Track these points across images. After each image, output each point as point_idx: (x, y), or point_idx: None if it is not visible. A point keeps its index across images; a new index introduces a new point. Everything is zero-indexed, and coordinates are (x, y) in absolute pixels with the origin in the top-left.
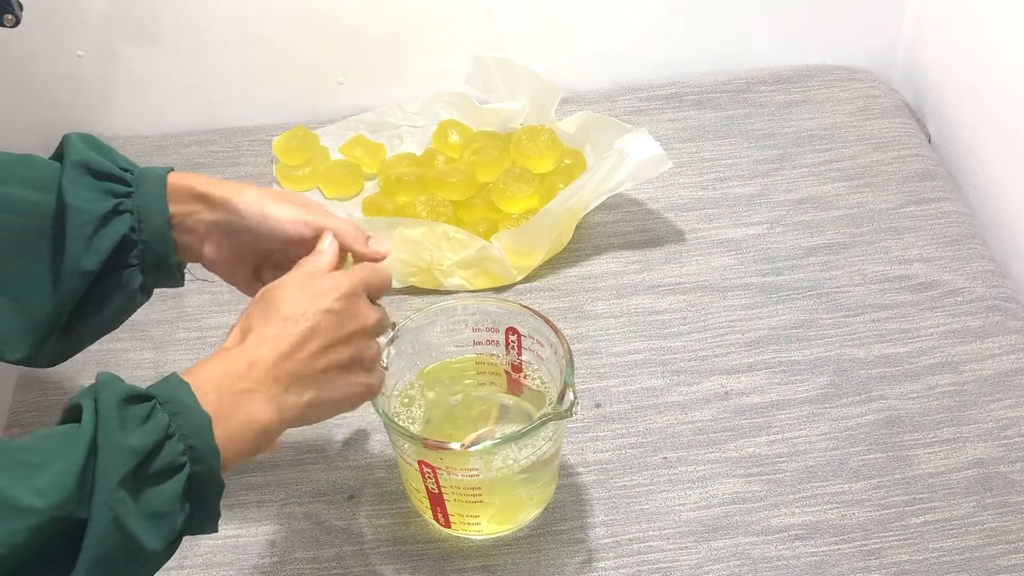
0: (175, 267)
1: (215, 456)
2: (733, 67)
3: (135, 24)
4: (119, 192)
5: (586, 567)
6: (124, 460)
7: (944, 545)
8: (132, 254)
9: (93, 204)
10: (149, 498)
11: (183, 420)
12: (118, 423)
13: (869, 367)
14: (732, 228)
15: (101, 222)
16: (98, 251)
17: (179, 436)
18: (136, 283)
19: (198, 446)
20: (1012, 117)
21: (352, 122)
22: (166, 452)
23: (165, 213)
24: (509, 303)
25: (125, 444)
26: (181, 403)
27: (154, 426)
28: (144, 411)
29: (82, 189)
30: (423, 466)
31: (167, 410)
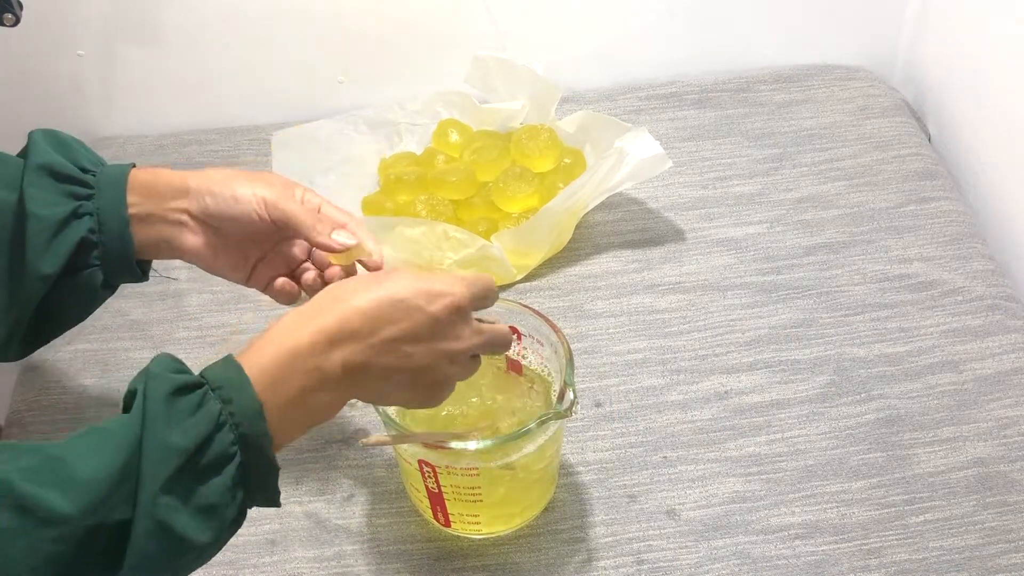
0: (136, 265)
1: (267, 441)
2: (733, 66)
3: (135, 24)
4: (80, 194)
5: (586, 567)
6: (170, 461)
7: (944, 544)
8: (93, 255)
9: (52, 208)
10: (199, 492)
11: (234, 407)
12: (165, 419)
13: (869, 366)
14: (732, 227)
15: (60, 226)
16: (57, 255)
17: (230, 425)
18: (98, 282)
19: (250, 433)
20: (1012, 116)
21: (351, 117)
22: (216, 444)
23: (123, 214)
24: (509, 302)
25: (171, 444)
26: (233, 387)
27: (204, 417)
28: (194, 401)
29: (42, 192)
30: (423, 465)
31: (219, 395)
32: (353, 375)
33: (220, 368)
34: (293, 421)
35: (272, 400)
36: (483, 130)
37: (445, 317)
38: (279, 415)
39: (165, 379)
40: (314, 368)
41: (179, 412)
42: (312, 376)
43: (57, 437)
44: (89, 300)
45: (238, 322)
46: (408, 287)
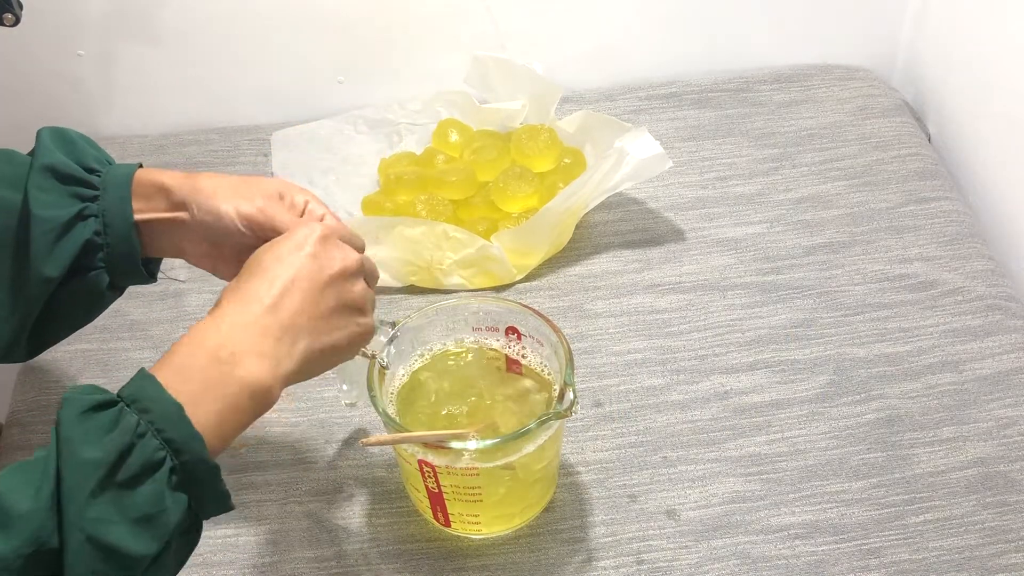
0: (142, 267)
1: (196, 441)
2: (733, 66)
3: (135, 24)
4: (85, 196)
5: (586, 567)
6: (88, 475)
7: (944, 544)
8: (98, 257)
9: (57, 211)
10: (129, 503)
11: (153, 416)
12: (81, 438)
13: (869, 366)
14: (732, 227)
15: (64, 228)
16: (61, 258)
17: (152, 433)
18: (104, 284)
19: (176, 437)
20: (1012, 116)
21: (351, 117)
22: (138, 452)
23: (129, 216)
24: (509, 302)
25: (86, 459)
26: (147, 398)
27: (122, 430)
28: (110, 417)
29: (47, 194)
30: (423, 465)
31: (136, 408)
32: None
33: (133, 382)
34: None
35: (193, 397)
36: (483, 130)
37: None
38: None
39: (77, 401)
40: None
41: (94, 430)
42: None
43: None
44: (95, 302)
45: None
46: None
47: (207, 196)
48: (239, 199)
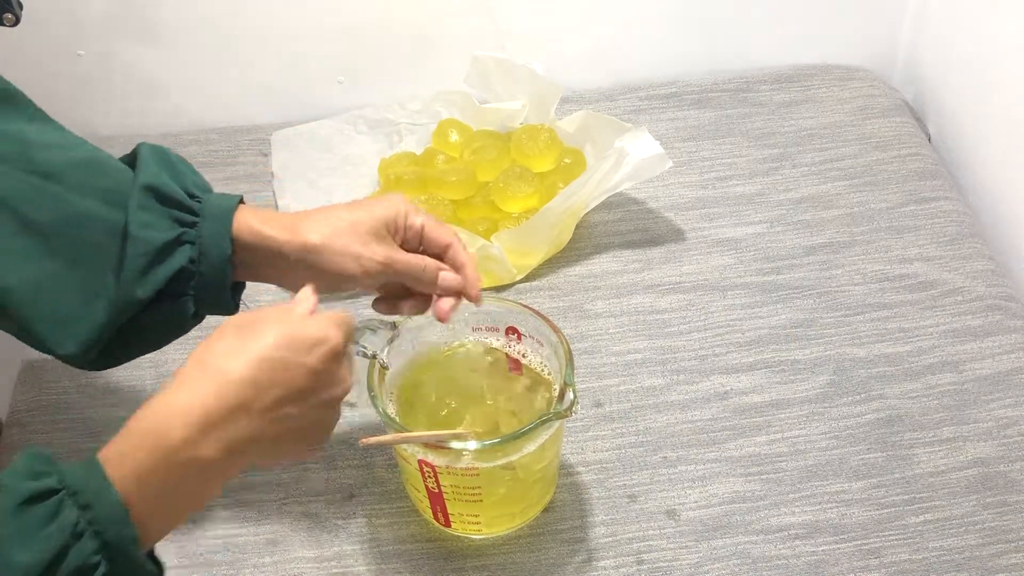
0: (231, 299)
1: (133, 545)
2: (733, 66)
3: (135, 24)
4: (184, 221)
5: (586, 567)
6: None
7: (944, 544)
8: (190, 284)
9: (156, 233)
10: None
11: (95, 513)
12: (15, 535)
13: (869, 366)
14: (732, 227)
15: (161, 252)
16: (154, 281)
17: (89, 534)
18: (189, 311)
19: (113, 541)
20: (1012, 116)
21: (351, 117)
22: (74, 555)
23: (227, 249)
24: (509, 302)
25: (19, 563)
26: (91, 492)
27: (58, 527)
28: (48, 510)
29: (147, 214)
30: (423, 465)
31: (77, 501)
32: (240, 453)
33: (80, 471)
34: (168, 514)
35: (141, 500)
36: (483, 130)
37: (323, 366)
38: (155, 514)
39: (16, 489)
40: (189, 460)
41: (29, 525)
42: (188, 468)
43: (57, 437)
44: (176, 327)
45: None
46: (279, 340)
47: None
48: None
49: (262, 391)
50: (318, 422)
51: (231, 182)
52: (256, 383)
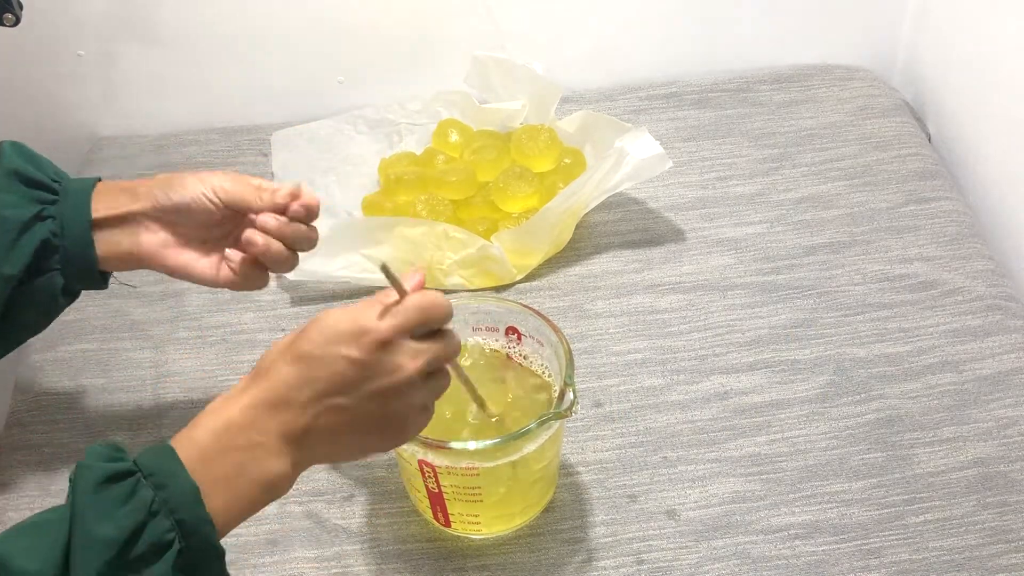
0: (98, 271)
1: (207, 526)
2: (733, 66)
3: (135, 24)
4: (45, 199)
5: (586, 567)
6: (98, 553)
7: (944, 544)
8: (53, 259)
9: (18, 210)
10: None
11: (168, 493)
12: (94, 512)
13: (869, 366)
14: (732, 227)
15: (23, 228)
16: (20, 256)
17: (164, 512)
18: (58, 287)
19: (187, 519)
20: (1012, 116)
21: (351, 117)
22: (150, 532)
23: (87, 218)
24: (509, 302)
25: (100, 536)
26: (165, 473)
27: (136, 505)
28: (125, 490)
29: (11, 196)
30: (423, 465)
31: (152, 483)
32: (297, 442)
33: (153, 454)
34: (239, 500)
35: (211, 482)
36: (483, 130)
37: (369, 357)
38: (221, 496)
39: (94, 469)
40: (251, 444)
41: (108, 502)
42: (250, 452)
43: (57, 437)
44: (49, 306)
45: (239, 322)
46: (321, 336)
47: (171, 179)
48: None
49: (305, 385)
50: (378, 412)
51: None
52: (299, 378)
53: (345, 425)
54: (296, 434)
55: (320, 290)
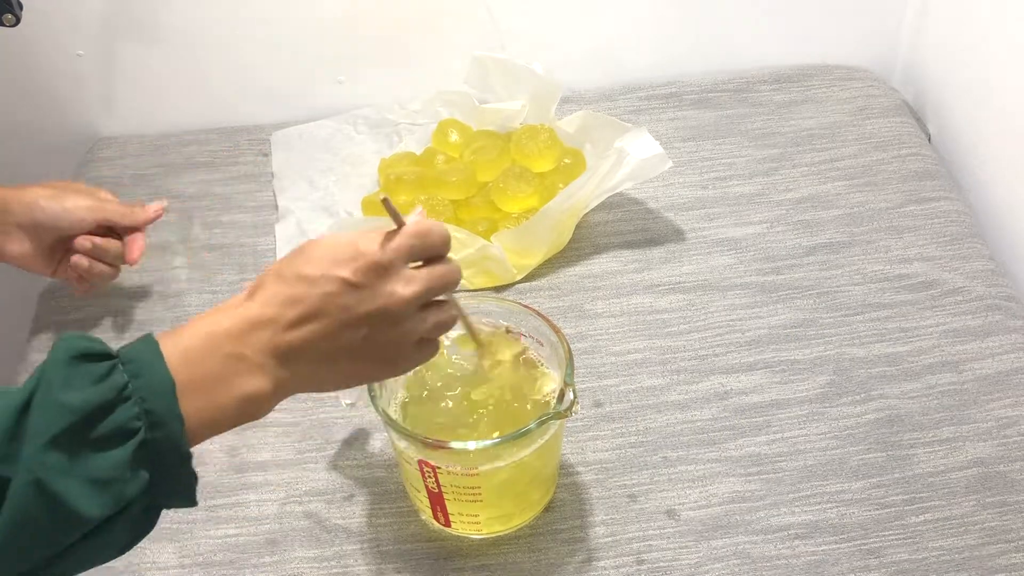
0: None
1: (177, 421)
2: (733, 66)
3: (135, 24)
4: None
5: (586, 567)
6: (59, 418)
7: (944, 544)
8: None
9: None
10: (89, 462)
11: (143, 382)
12: (62, 380)
13: (869, 366)
14: (732, 227)
15: None
16: None
17: (135, 399)
18: None
19: (156, 410)
20: (1012, 116)
21: (351, 117)
22: (116, 415)
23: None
24: (509, 302)
25: (63, 401)
26: (143, 362)
27: (107, 386)
28: (100, 370)
29: None
30: (423, 465)
31: (128, 371)
32: (282, 361)
33: (136, 344)
34: (214, 408)
35: (189, 382)
36: (483, 130)
37: (362, 279)
38: (196, 399)
39: (72, 343)
40: (235, 354)
41: (80, 376)
42: (233, 361)
43: None
44: None
45: None
46: (316, 257)
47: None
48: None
49: (296, 302)
50: (370, 338)
51: (231, 182)
52: (291, 297)
53: (333, 349)
54: (282, 351)
55: None
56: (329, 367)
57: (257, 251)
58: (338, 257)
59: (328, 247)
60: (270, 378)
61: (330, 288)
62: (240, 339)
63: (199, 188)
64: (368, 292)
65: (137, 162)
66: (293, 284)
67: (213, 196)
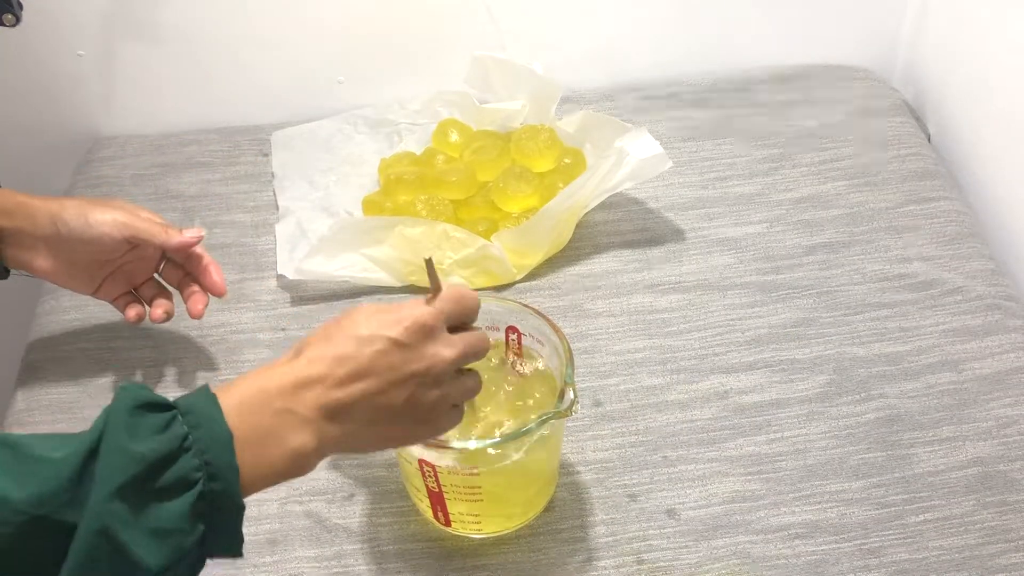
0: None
1: (233, 474)
2: (733, 66)
3: (135, 24)
4: None
5: (586, 566)
6: (127, 467)
7: (944, 544)
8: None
9: None
10: (152, 512)
11: (202, 433)
12: (127, 428)
13: (869, 366)
14: (732, 227)
15: None
16: None
17: (195, 450)
18: None
19: (215, 462)
20: (1012, 116)
21: (351, 117)
22: (179, 465)
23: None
24: (509, 302)
25: (130, 450)
26: (203, 414)
27: (169, 436)
28: (161, 420)
29: None
30: (423, 465)
31: (187, 421)
32: (330, 418)
33: (193, 396)
34: (265, 462)
35: (243, 435)
36: (483, 130)
37: (409, 340)
38: (250, 452)
39: (133, 394)
40: (285, 409)
41: (143, 426)
42: (284, 418)
43: None
44: None
45: (239, 321)
46: (364, 319)
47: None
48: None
49: (346, 361)
50: (412, 398)
51: (231, 182)
52: (341, 356)
53: (378, 408)
54: (331, 408)
55: (320, 289)
56: (371, 427)
57: (257, 251)
58: (385, 319)
59: (372, 311)
60: (317, 434)
61: (379, 347)
62: (291, 395)
63: (199, 188)
64: (415, 352)
65: (137, 162)
66: (342, 344)
67: (213, 196)
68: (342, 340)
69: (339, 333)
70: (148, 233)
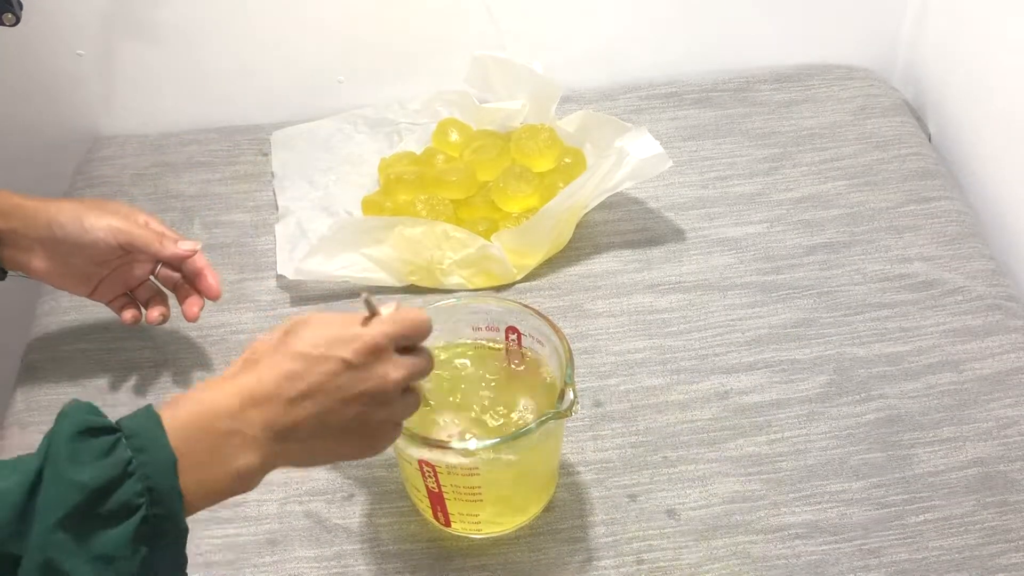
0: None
1: (177, 498)
2: (733, 65)
3: (135, 23)
4: None
5: (586, 566)
6: (69, 497)
7: (944, 544)
8: None
9: None
10: (96, 539)
11: (146, 457)
12: (69, 455)
13: (869, 366)
14: (732, 227)
15: None
16: None
17: (139, 475)
18: None
19: (159, 487)
20: (1012, 115)
21: (351, 117)
22: (122, 491)
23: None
24: (509, 302)
25: (72, 479)
26: (147, 437)
27: (112, 461)
28: (105, 444)
29: None
30: (423, 465)
31: (131, 445)
32: (277, 438)
33: (137, 417)
34: (209, 483)
35: (187, 458)
36: (483, 130)
37: (359, 360)
38: (193, 475)
39: (75, 418)
40: (231, 431)
41: (86, 452)
42: (230, 439)
43: None
44: None
45: (239, 322)
46: (314, 336)
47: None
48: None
49: (296, 380)
50: (358, 417)
51: (231, 182)
52: (289, 374)
53: (325, 426)
54: (278, 429)
55: (320, 289)
56: (318, 444)
57: (257, 251)
58: (336, 336)
59: (322, 324)
60: (262, 453)
61: (330, 367)
62: (238, 414)
63: (199, 188)
64: (365, 373)
65: (137, 162)
66: (292, 360)
67: (213, 196)
68: (292, 357)
69: (288, 348)
70: (143, 241)
